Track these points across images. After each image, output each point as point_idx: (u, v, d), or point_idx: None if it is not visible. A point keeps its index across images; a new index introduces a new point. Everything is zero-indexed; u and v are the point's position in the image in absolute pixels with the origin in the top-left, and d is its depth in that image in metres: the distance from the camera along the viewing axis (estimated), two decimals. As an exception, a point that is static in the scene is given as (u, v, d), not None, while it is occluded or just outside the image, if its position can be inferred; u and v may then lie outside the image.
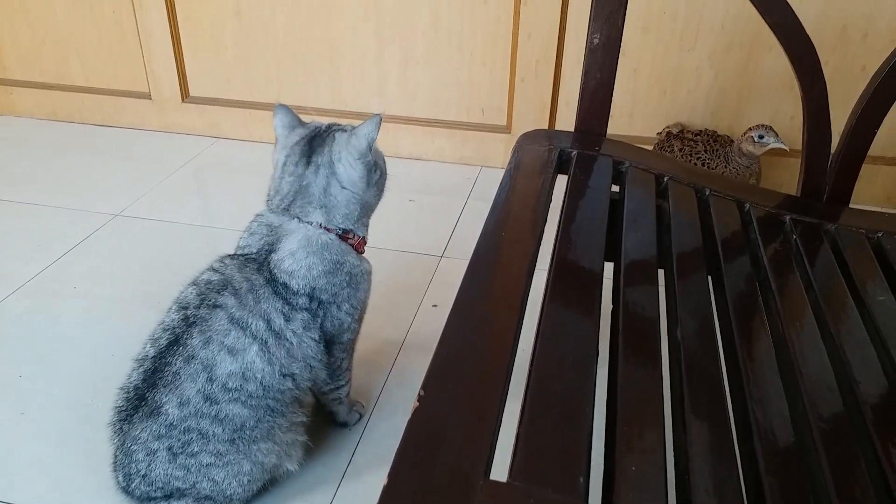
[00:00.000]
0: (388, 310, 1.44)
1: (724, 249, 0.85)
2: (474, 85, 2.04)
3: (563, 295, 0.69)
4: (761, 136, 1.69)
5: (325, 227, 0.97)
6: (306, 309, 0.96)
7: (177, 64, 2.18)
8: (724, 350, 0.69)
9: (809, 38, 0.97)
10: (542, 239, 0.79)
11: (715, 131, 1.86)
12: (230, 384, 0.91)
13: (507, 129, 2.07)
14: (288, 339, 0.94)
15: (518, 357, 0.60)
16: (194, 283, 0.97)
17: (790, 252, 0.88)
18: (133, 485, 0.93)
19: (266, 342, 0.92)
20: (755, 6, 0.96)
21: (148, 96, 2.26)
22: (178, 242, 1.70)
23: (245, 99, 2.20)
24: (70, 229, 1.72)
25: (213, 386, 0.90)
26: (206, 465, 0.92)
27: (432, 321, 1.43)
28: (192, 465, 0.92)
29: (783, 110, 1.88)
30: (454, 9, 1.93)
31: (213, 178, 2.07)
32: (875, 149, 1.82)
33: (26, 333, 1.37)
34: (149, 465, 0.91)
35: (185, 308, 0.94)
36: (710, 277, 0.81)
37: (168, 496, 0.94)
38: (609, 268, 0.79)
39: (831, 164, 1.00)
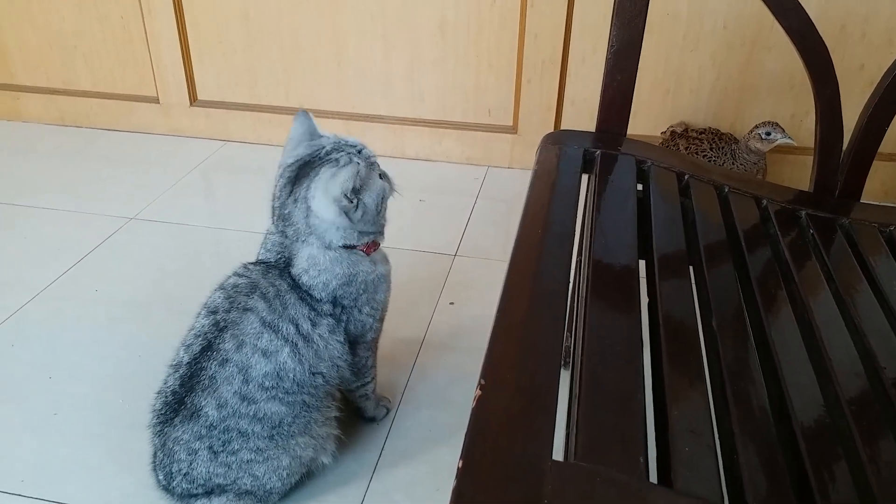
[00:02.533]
0: (406, 309, 1.47)
1: (747, 243, 0.88)
2: (480, 86, 2.07)
3: (604, 289, 0.72)
4: (768, 133, 1.74)
5: (325, 247, 0.98)
6: (331, 315, 0.99)
7: (185, 68, 2.20)
8: (755, 338, 0.73)
9: (822, 39, 1.01)
10: (575, 236, 0.82)
11: (718, 130, 1.91)
12: (266, 384, 0.94)
13: (513, 129, 2.11)
14: (315, 343, 0.97)
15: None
16: (222, 288, 0.99)
17: (808, 246, 0.92)
18: (174, 483, 0.96)
19: (296, 345, 0.95)
20: (769, 7, 1.00)
21: (156, 100, 2.28)
22: (192, 245, 1.73)
23: (253, 102, 2.22)
24: (87, 233, 1.75)
25: (250, 386, 0.93)
26: (247, 461, 0.95)
27: (450, 318, 1.47)
28: (233, 462, 0.95)
29: (784, 109, 1.93)
30: (461, 11, 1.97)
31: (223, 181, 2.10)
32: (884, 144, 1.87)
33: (50, 337, 1.39)
34: (190, 464, 0.94)
35: (215, 313, 0.96)
36: (735, 270, 0.85)
37: (209, 493, 0.97)
38: (641, 263, 0.82)
39: (843, 161, 1.04)
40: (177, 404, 0.94)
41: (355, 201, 0.95)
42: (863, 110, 1.02)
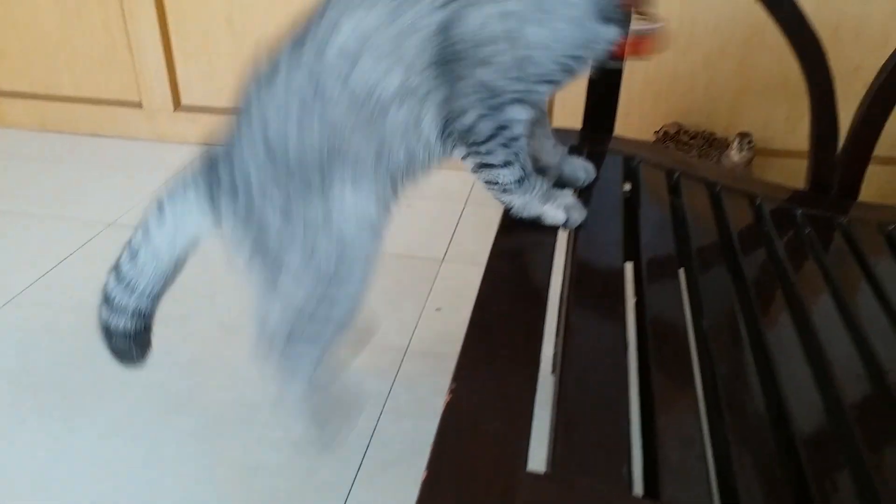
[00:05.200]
0: (392, 314, 1.43)
1: (740, 243, 0.84)
2: (470, 90, 2.03)
3: (588, 292, 0.68)
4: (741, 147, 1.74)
5: None
6: None
7: (168, 73, 2.16)
8: (749, 340, 0.68)
9: (815, 32, 0.97)
10: (558, 236, 0.77)
11: (713, 133, 1.87)
12: None
13: (503, 133, 2.07)
14: None
15: (544, 351, 0.59)
16: None
17: (804, 245, 0.88)
18: None
19: None
20: (762, 1, 0.96)
21: (139, 105, 2.24)
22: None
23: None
24: (65, 239, 1.70)
25: None
26: None
27: (437, 325, 1.42)
28: None
29: (778, 111, 1.89)
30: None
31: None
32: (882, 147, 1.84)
33: (22, 343, 1.34)
34: None
35: None
36: (729, 272, 0.80)
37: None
38: (630, 265, 0.78)
39: (839, 158, 1.00)
40: None
41: None
42: (859, 105, 0.98)
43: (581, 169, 0.88)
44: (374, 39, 0.69)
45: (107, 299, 0.85)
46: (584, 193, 0.87)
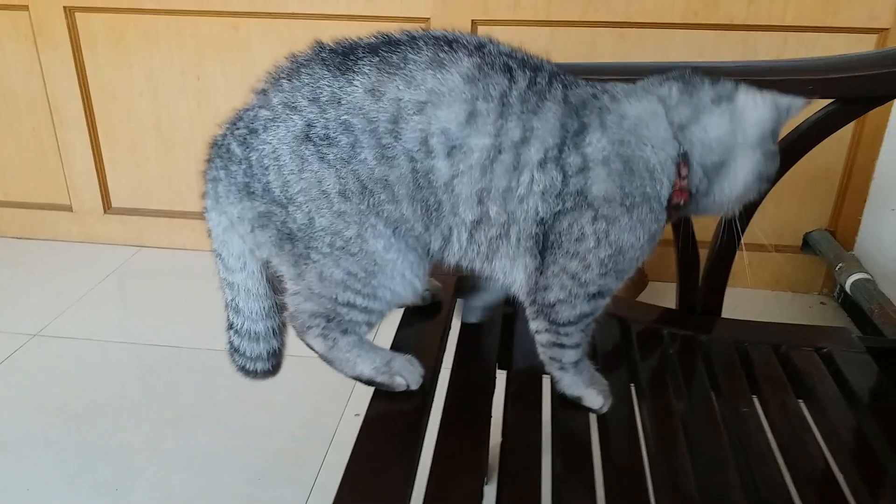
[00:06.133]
0: (309, 419, 1.47)
1: (604, 365, 0.93)
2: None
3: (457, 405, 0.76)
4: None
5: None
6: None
7: (98, 177, 2.22)
8: (604, 458, 0.77)
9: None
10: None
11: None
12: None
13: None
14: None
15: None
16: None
17: (665, 366, 0.97)
18: None
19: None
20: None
21: (69, 208, 2.27)
22: (101, 362, 1.70)
23: (168, 208, 2.23)
24: (-15, 353, 1.70)
25: None
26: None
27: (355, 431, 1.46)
28: None
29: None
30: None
31: (138, 288, 2.08)
32: (763, 237, 1.98)
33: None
34: None
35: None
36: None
37: None
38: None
39: (701, 281, 1.12)
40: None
41: None
42: (712, 240, 1.10)
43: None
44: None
45: (236, 350, 0.90)
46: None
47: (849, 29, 1.74)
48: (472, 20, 1.86)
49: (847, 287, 1.75)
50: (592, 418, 0.84)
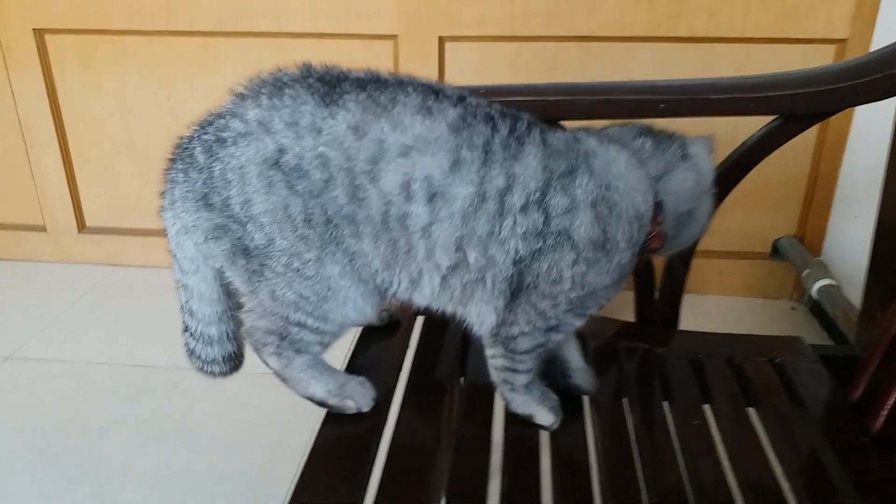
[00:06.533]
0: (277, 441, 1.48)
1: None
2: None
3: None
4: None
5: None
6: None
7: (72, 197, 2.22)
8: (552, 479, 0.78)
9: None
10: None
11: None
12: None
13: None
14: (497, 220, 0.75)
15: None
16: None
17: (620, 380, 0.99)
18: None
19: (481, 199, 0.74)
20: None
21: (43, 229, 2.27)
22: (76, 383, 1.70)
23: (143, 227, 2.23)
24: (-45, 378, 1.70)
25: None
26: None
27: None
28: None
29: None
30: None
31: (113, 307, 2.08)
32: (732, 244, 2.01)
33: None
34: None
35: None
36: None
37: None
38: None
39: (658, 295, 1.13)
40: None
41: None
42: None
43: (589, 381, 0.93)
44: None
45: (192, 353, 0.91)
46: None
47: (808, 40, 1.77)
48: (440, 36, 1.88)
49: (813, 293, 1.78)
50: (544, 435, 0.86)
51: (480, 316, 0.81)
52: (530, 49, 1.87)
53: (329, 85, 0.73)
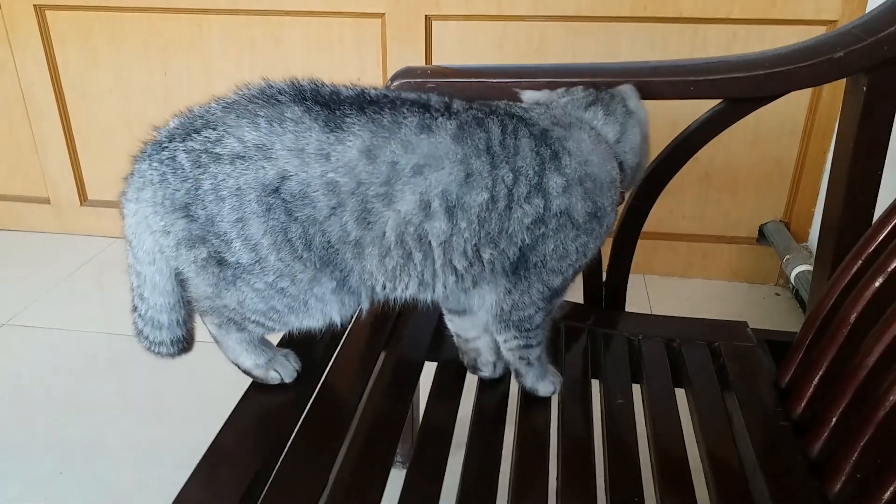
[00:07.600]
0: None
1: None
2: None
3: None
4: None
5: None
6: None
7: (73, 170, 2.28)
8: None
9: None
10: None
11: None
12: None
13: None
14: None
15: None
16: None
17: (557, 359, 1.00)
18: None
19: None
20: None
21: (47, 201, 2.34)
22: (70, 350, 1.76)
23: (141, 201, 2.29)
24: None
25: None
26: None
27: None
28: None
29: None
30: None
31: (111, 278, 2.14)
32: (718, 228, 2.00)
33: None
34: None
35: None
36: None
37: None
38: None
39: (606, 279, 1.14)
40: None
41: None
42: (614, 240, 1.13)
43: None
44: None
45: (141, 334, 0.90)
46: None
47: (798, 21, 1.74)
48: (426, 15, 1.89)
49: (791, 278, 1.76)
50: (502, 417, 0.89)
51: (482, 298, 0.86)
52: (516, 28, 1.87)
53: (328, 108, 0.72)
